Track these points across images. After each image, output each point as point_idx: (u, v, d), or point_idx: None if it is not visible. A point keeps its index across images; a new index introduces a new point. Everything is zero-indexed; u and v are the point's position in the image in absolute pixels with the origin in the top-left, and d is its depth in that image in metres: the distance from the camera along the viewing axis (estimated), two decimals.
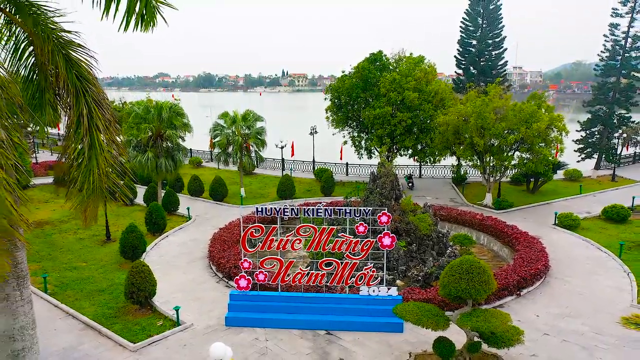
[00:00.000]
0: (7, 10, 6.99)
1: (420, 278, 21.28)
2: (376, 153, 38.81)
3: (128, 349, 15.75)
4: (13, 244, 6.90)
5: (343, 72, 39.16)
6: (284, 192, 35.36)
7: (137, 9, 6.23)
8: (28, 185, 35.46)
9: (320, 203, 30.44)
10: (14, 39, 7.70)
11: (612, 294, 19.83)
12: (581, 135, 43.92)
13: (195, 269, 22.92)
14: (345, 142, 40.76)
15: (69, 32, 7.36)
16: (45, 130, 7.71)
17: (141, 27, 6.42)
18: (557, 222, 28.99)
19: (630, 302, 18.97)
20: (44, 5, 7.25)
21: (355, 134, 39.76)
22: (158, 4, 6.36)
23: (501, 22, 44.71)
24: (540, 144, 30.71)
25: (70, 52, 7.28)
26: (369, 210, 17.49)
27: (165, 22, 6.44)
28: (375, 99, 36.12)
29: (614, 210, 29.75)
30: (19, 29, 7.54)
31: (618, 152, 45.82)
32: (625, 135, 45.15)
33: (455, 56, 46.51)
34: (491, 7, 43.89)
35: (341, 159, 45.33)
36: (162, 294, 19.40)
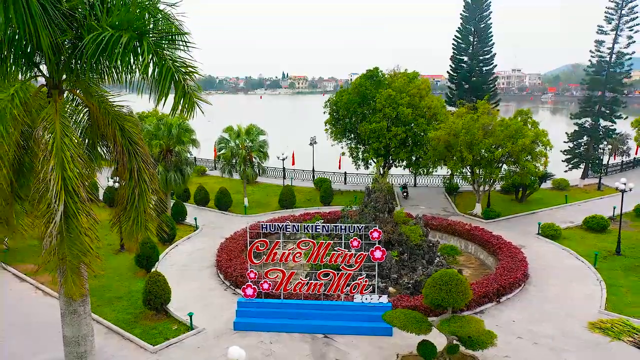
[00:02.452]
0: (76, 91, 9.01)
1: (410, 285, 23.33)
2: (373, 164, 40.91)
3: (149, 351, 17.82)
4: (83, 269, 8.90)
5: (341, 87, 41.32)
6: (285, 202, 37.43)
7: (181, 104, 8.33)
8: None
9: (319, 213, 32.51)
10: (74, 104, 9.70)
11: (584, 300, 21.85)
12: (569, 146, 45.96)
13: (204, 277, 24.94)
14: (343, 154, 42.81)
15: (122, 106, 9.42)
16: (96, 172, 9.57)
17: (186, 115, 8.52)
18: (540, 232, 31.03)
19: (598, 308, 21.00)
20: (99, 81, 9.29)
21: (353, 145, 41.77)
22: (196, 99, 8.42)
23: (491, 39, 46.90)
24: (526, 158, 32.75)
25: (125, 123, 9.34)
26: (362, 226, 19.55)
27: (202, 112, 8.51)
28: (372, 113, 38.16)
29: (594, 221, 31.80)
30: (77, 98, 9.55)
31: (605, 161, 47.92)
32: (611, 145, 47.30)
33: (448, 72, 48.69)
34: (482, 26, 46.07)
35: (339, 168, 47.39)
36: (174, 300, 21.35)
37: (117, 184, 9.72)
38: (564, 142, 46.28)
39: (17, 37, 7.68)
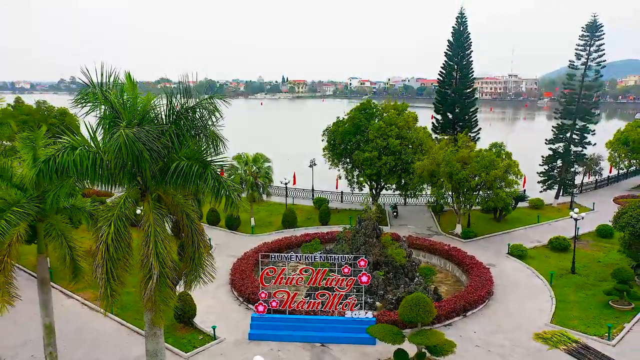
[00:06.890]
0: (158, 192, 13.68)
1: (393, 301, 27.95)
2: (366, 186, 45.65)
3: (182, 358, 22.45)
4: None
5: (338, 117, 46.11)
6: (287, 222, 42.17)
7: (228, 207, 12.95)
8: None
9: (318, 235, 37.11)
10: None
11: (535, 314, 26.48)
12: (544, 169, 50.62)
13: (220, 293, 29.51)
14: (340, 177, 47.55)
15: (185, 200, 14.10)
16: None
17: (232, 211, 13.18)
18: (509, 251, 35.70)
19: (545, 321, 25.63)
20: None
21: (349, 169, 46.42)
22: (238, 204, 13.05)
23: (472, 75, 51.79)
24: (499, 186, 37.42)
25: (188, 210, 13.99)
26: (352, 256, 24.29)
27: (246, 211, 13.13)
28: (365, 142, 42.85)
29: (557, 241, 36.49)
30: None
31: (581, 180, 52.58)
32: (584, 166, 52.08)
33: (434, 103, 53.62)
34: (464, 63, 51.03)
35: (337, 188, 52.10)
36: (198, 314, 25.91)
37: None
38: (539, 164, 50.95)
39: (128, 167, 12.43)
